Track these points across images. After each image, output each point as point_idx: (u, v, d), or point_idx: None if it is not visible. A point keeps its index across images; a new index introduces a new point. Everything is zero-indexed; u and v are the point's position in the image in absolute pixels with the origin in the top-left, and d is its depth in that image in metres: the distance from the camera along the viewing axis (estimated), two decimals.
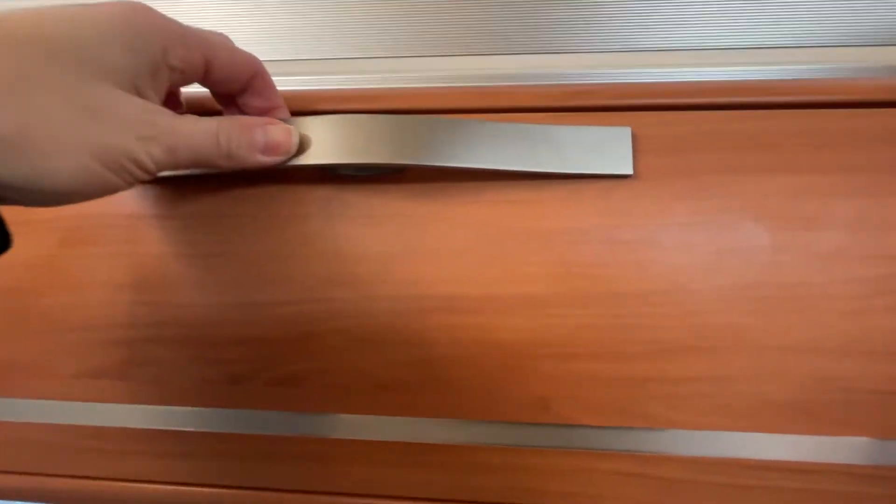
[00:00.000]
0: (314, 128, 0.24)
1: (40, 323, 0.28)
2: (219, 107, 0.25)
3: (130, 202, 0.27)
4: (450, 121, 0.24)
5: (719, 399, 0.23)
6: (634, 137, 0.24)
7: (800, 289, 0.23)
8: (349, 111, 0.25)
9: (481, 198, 0.25)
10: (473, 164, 0.23)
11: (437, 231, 0.25)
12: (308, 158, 0.23)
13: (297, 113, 0.25)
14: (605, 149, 0.24)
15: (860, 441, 0.23)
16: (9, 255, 0.20)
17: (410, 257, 0.25)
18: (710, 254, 0.24)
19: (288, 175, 0.26)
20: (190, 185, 0.27)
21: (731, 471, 0.24)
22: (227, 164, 0.22)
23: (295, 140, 0.24)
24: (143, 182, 0.21)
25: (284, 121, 0.24)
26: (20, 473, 0.29)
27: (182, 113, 0.25)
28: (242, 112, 0.25)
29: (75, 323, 0.27)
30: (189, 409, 0.27)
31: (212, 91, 0.24)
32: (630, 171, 0.24)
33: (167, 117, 0.21)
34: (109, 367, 0.27)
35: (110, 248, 0.27)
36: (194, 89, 0.24)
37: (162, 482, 0.28)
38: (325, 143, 0.24)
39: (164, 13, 0.20)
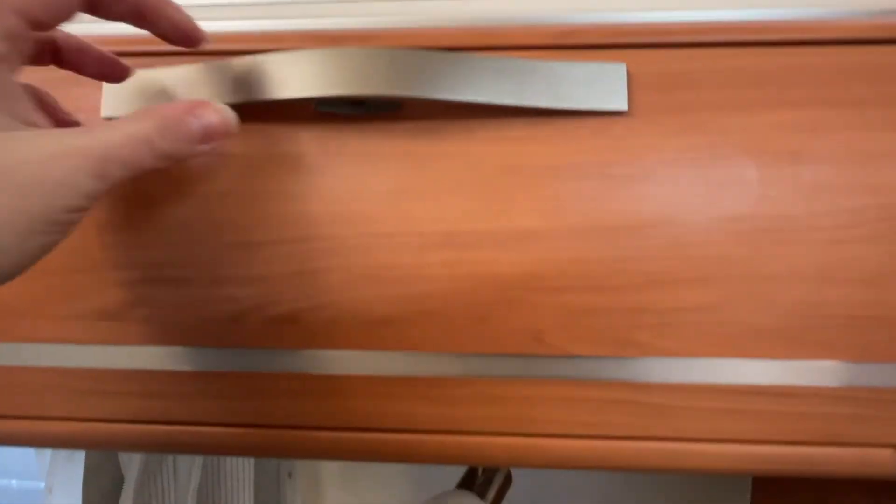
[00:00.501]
0: (310, 61, 0.24)
1: (34, 266, 0.27)
2: None
3: None
4: (444, 54, 0.24)
5: (706, 327, 0.24)
6: (629, 75, 0.25)
7: (785, 220, 0.24)
8: None
9: (477, 135, 0.25)
10: (468, 97, 0.24)
11: (434, 169, 0.25)
12: (305, 91, 0.23)
13: None
14: (601, 84, 0.24)
15: (837, 364, 0.24)
16: None
17: (408, 194, 0.25)
18: (701, 188, 0.24)
19: (283, 114, 0.26)
20: None
21: (716, 396, 0.25)
22: (163, 165, 0.19)
23: (229, 115, 0.21)
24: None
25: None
26: (14, 418, 0.29)
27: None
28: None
29: (68, 264, 0.27)
30: (186, 348, 0.27)
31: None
32: (625, 108, 0.24)
33: (81, 138, 0.17)
34: (106, 309, 0.27)
35: None
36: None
37: (160, 422, 0.28)
38: (321, 76, 0.23)
39: None
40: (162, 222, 0.27)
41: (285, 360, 0.27)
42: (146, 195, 0.27)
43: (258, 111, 0.26)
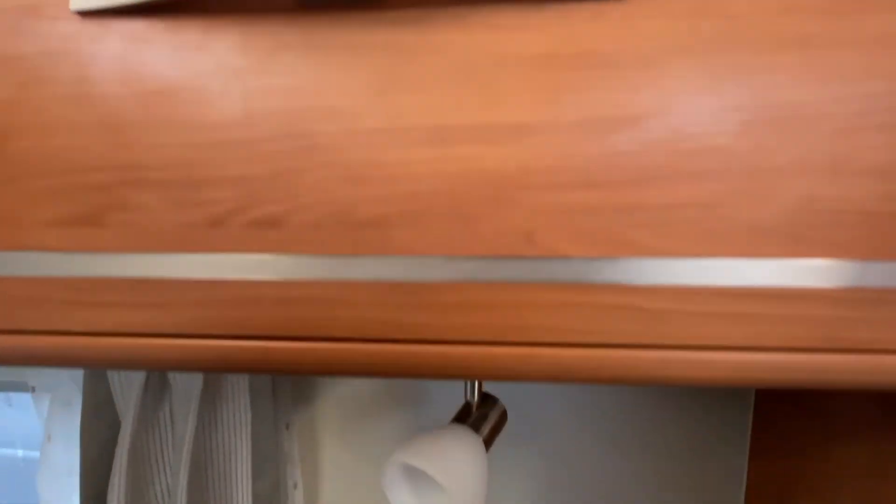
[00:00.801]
0: None
1: (8, 169, 0.26)
2: None
3: (94, 39, 0.26)
4: None
5: (705, 225, 0.23)
6: None
7: (792, 109, 0.22)
8: None
9: (466, 24, 0.24)
10: None
11: (421, 60, 0.24)
12: None
13: None
14: None
15: (844, 263, 0.23)
16: None
17: (393, 88, 0.24)
18: (703, 76, 0.23)
19: (264, 6, 0.25)
20: (153, 19, 0.25)
21: (715, 299, 0.24)
22: None
23: None
24: None
25: None
26: None
27: None
28: None
29: (45, 168, 0.26)
30: (169, 255, 0.26)
31: None
32: None
33: None
34: (85, 214, 0.26)
35: (76, 89, 0.26)
36: None
37: (144, 334, 0.27)
38: None
39: None
40: (139, 123, 0.25)
41: (267, 266, 0.26)
42: (122, 94, 0.26)
43: (238, 3, 0.25)
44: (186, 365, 0.28)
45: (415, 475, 0.38)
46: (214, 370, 0.28)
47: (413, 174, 0.24)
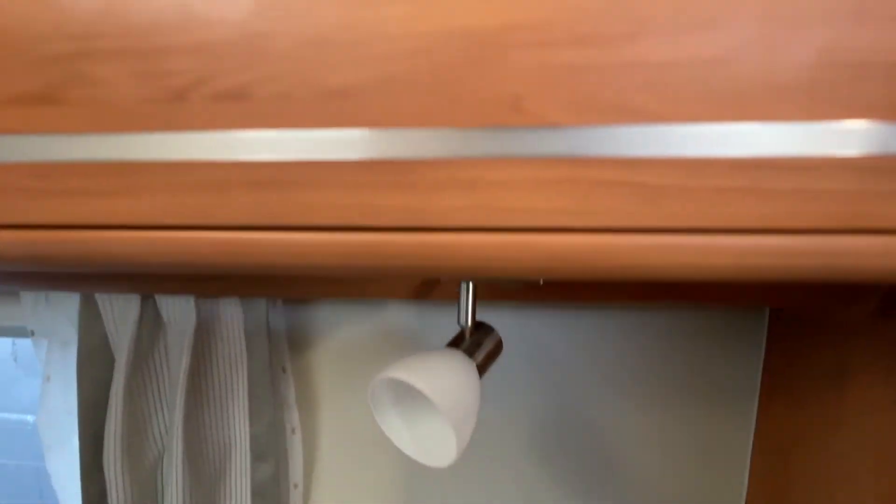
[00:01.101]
0: None
1: None
2: None
3: None
4: None
5: (712, 84, 0.21)
6: None
7: None
8: None
9: None
10: None
11: None
12: None
13: None
14: None
15: (869, 125, 0.20)
16: None
17: None
18: None
19: None
20: None
21: (723, 171, 0.22)
22: None
23: None
24: None
25: None
26: None
27: None
28: None
29: None
30: (131, 135, 0.24)
31: None
32: None
33: None
34: (40, 91, 0.24)
35: None
36: None
37: (109, 227, 0.26)
38: None
39: None
40: None
41: (235, 144, 0.24)
42: None
43: None
44: (152, 260, 0.27)
45: (405, 398, 0.36)
46: (183, 266, 0.27)
47: (384, 34, 0.22)
